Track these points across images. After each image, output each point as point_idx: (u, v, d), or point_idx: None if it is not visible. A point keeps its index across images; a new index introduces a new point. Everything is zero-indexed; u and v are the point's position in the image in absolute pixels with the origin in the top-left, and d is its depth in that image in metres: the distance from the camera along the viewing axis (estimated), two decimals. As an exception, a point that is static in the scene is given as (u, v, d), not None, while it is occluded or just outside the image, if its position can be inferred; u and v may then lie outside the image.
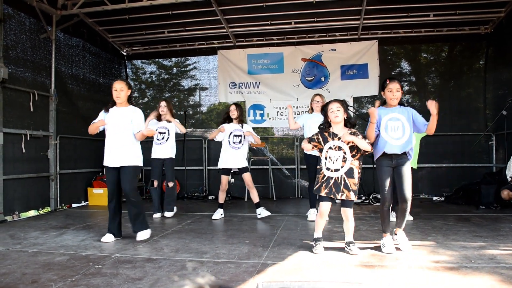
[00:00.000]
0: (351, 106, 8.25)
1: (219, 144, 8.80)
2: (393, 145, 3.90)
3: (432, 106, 3.74)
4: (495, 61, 8.25)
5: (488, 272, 3.19)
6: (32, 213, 6.86)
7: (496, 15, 7.75)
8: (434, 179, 8.47)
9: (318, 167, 4.09)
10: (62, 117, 7.52)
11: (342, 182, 3.88)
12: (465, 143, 8.21)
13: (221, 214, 6.16)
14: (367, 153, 3.93)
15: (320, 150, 4.04)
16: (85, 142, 8.29)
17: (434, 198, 7.85)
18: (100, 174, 8.43)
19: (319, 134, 4.06)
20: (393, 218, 5.34)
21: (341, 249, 4.03)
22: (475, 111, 8.58)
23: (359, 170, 3.95)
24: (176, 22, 8.29)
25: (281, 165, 8.97)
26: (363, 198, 7.63)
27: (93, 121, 4.65)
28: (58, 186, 7.30)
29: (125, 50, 9.80)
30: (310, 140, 4.09)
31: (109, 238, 4.53)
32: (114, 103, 4.64)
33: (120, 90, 4.53)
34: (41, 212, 6.99)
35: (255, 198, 6.08)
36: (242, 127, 6.11)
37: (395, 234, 4.12)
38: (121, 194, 4.62)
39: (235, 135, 6.07)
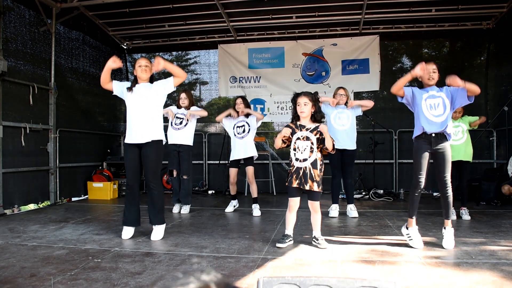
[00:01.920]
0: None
1: (219, 138, 8.88)
2: (434, 122, 3.92)
3: (455, 81, 3.80)
4: (497, 57, 8.22)
5: (489, 268, 3.18)
6: (31, 206, 6.86)
7: (498, 10, 7.69)
8: (434, 174, 8.44)
9: (289, 160, 4.10)
10: (61, 111, 7.50)
11: (308, 173, 3.91)
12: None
13: (234, 206, 6.28)
14: (327, 151, 3.96)
15: (289, 144, 4.05)
16: (85, 135, 8.28)
17: (435, 194, 7.83)
18: (100, 168, 8.42)
19: (287, 127, 4.06)
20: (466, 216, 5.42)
21: (342, 245, 4.02)
22: (476, 107, 8.50)
23: (321, 163, 3.99)
24: (177, 16, 8.23)
25: (281, 160, 8.95)
26: (363, 193, 7.62)
27: (114, 83, 4.48)
28: (57, 180, 7.29)
29: (125, 44, 9.75)
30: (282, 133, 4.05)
31: (127, 233, 4.36)
32: (135, 82, 4.45)
33: (145, 66, 4.37)
34: (40, 205, 6.98)
35: (254, 193, 6.12)
36: (247, 117, 6.07)
37: (444, 228, 3.99)
38: (141, 177, 4.48)
39: (238, 126, 6.06)
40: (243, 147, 5.99)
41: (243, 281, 2.94)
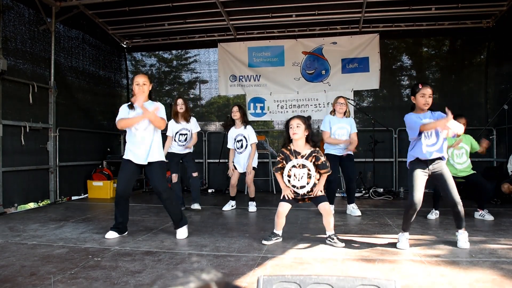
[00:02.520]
0: (352, 100, 8.22)
1: (220, 137, 8.88)
2: (428, 151, 3.84)
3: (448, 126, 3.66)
4: (497, 55, 8.21)
5: (489, 267, 3.18)
6: (31, 205, 6.85)
7: (498, 8, 7.69)
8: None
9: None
10: (61, 110, 7.49)
11: (306, 194, 4.01)
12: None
13: (232, 206, 6.35)
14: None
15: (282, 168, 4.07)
16: (85, 134, 8.28)
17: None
18: (100, 166, 8.42)
19: (281, 154, 4.07)
20: (431, 216, 5.44)
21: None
22: (476, 105, 8.54)
23: (319, 177, 4.04)
24: (176, 15, 8.22)
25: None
26: (363, 192, 7.62)
27: (122, 117, 4.32)
28: (57, 179, 7.28)
29: (125, 43, 9.74)
30: (277, 169, 4.09)
31: (113, 234, 4.36)
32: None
33: (143, 84, 4.28)
34: (40, 204, 6.98)
35: (251, 194, 6.29)
36: (245, 128, 6.16)
37: (457, 233, 3.96)
38: (132, 186, 4.52)
39: (237, 141, 6.18)
40: (242, 162, 6.18)
41: (243, 279, 2.94)
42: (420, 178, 3.87)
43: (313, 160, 3.95)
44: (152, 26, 8.77)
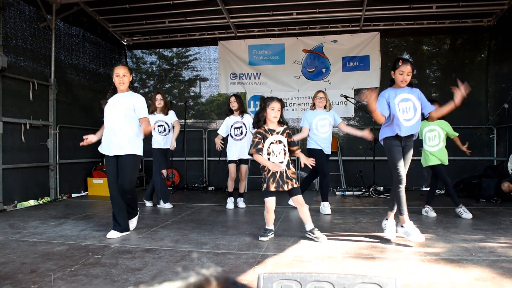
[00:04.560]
0: (352, 98, 8.23)
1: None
2: (405, 126, 3.91)
3: (459, 94, 3.83)
4: (498, 54, 8.20)
5: (489, 265, 3.18)
6: (31, 202, 6.86)
7: (499, 7, 7.69)
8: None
9: (260, 166, 4.13)
10: (62, 107, 7.49)
11: (284, 174, 4.02)
12: (466, 136, 8.13)
13: (233, 203, 6.34)
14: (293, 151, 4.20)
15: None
16: (85, 132, 8.07)
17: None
18: (100, 164, 8.42)
19: (258, 135, 4.09)
20: (433, 213, 5.42)
21: (342, 242, 4.03)
22: (477, 104, 8.53)
23: (291, 160, 4.17)
24: (177, 12, 8.21)
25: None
26: (363, 190, 7.62)
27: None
28: (57, 176, 7.29)
29: (125, 40, 9.73)
30: (258, 150, 4.04)
31: (115, 234, 4.26)
32: (113, 92, 4.43)
33: (123, 75, 4.28)
34: (40, 201, 6.99)
35: (242, 189, 6.38)
36: (242, 117, 6.20)
37: (386, 219, 4.22)
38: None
39: (235, 128, 6.16)
40: (239, 149, 6.15)
41: (243, 277, 2.95)
42: (399, 153, 3.99)
43: (287, 136, 4.12)
44: (153, 24, 8.76)
